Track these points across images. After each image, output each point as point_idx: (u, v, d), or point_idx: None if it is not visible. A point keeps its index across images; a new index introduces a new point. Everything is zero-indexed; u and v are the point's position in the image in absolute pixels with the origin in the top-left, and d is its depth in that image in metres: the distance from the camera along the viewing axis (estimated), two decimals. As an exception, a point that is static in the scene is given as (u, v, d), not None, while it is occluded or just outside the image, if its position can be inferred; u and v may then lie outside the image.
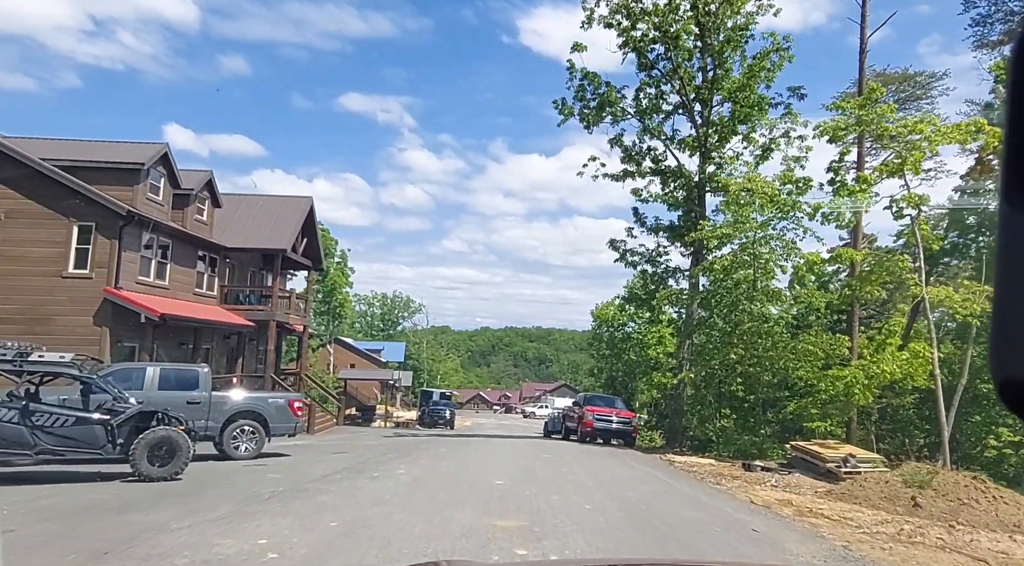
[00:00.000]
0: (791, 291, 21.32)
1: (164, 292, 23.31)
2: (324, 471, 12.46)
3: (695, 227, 23.59)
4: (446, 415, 43.31)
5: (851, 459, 15.18)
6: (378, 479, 11.32)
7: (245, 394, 16.27)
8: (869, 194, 17.80)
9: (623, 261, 25.99)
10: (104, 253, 20.63)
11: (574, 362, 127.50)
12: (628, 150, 25.05)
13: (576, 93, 24.62)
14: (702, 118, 24.74)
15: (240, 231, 28.13)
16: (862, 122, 18.33)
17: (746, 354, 20.63)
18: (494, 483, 10.91)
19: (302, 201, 30.18)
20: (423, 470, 12.69)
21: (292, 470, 12.87)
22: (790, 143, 24.15)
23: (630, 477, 12.92)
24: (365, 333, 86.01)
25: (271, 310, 27.44)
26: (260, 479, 11.43)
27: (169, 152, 23.53)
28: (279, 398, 15.84)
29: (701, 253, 24.45)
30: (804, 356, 20.17)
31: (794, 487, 13.31)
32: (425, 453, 17.00)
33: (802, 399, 21.83)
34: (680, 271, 25.57)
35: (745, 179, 21.01)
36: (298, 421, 15.92)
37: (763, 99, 24.19)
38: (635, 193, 26.20)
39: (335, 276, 64.60)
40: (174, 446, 11.19)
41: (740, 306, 21.21)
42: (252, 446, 15.17)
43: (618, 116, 24.80)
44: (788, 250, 21.25)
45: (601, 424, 23.76)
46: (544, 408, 72.89)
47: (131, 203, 21.47)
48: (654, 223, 25.96)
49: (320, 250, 32.05)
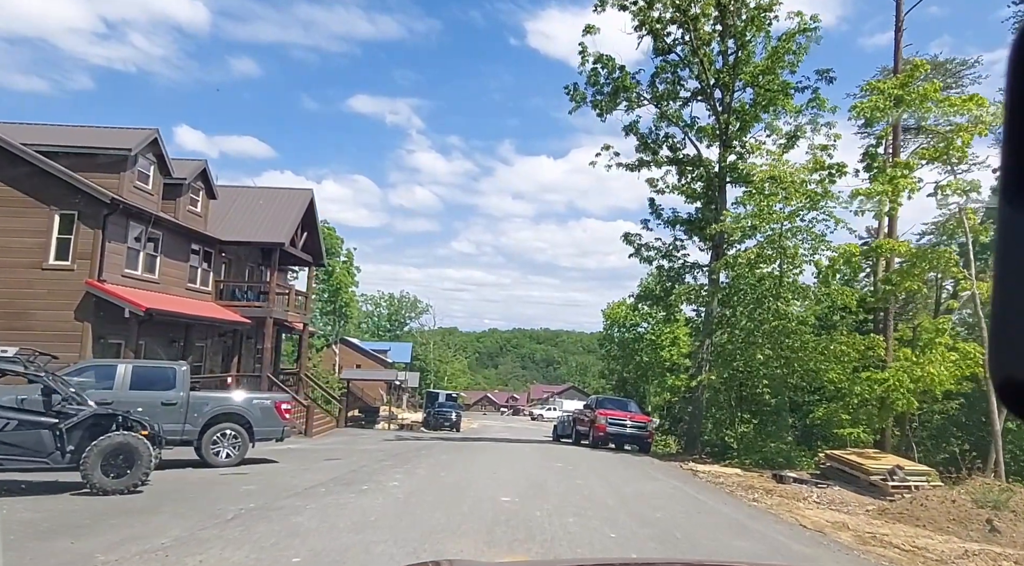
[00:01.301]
0: (821, 288, 19.59)
1: (154, 286, 21.88)
2: (308, 482, 10.91)
3: (715, 220, 21.94)
4: (452, 417, 41.72)
5: (898, 471, 13.48)
6: (367, 493, 9.75)
7: (227, 395, 14.76)
8: (911, 180, 16.09)
9: (638, 256, 24.35)
10: (87, 244, 19.22)
11: (582, 364, 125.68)
12: (644, 138, 23.40)
13: (589, 78, 23.03)
14: (722, 105, 23.06)
15: (236, 224, 26.70)
16: (903, 102, 16.64)
17: (773, 354, 18.94)
18: (500, 500, 9.32)
19: (302, 193, 28.72)
20: (420, 482, 11.11)
21: (272, 480, 11.33)
22: (816, 130, 22.44)
23: (655, 492, 11.29)
24: (372, 333, 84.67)
25: (268, 307, 25.97)
26: (232, 492, 9.88)
27: (159, 139, 22.12)
28: (264, 399, 14.31)
29: (721, 247, 22.78)
30: (836, 357, 18.46)
31: (840, 504, 11.63)
32: (425, 460, 15.43)
33: (830, 403, 20.13)
34: (698, 267, 23.89)
35: (770, 166, 19.34)
36: (285, 425, 14.39)
37: (787, 85, 22.49)
38: (651, 184, 24.57)
39: (341, 275, 63.32)
40: (133, 454, 9.67)
41: (766, 303, 19.53)
42: (234, 452, 13.65)
43: (633, 102, 23.16)
44: (817, 243, 19.56)
45: (615, 428, 22.11)
46: (552, 410, 71.18)
47: (117, 191, 20.06)
48: (671, 215, 24.32)
49: (321, 245, 30.57)
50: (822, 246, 19.73)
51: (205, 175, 25.10)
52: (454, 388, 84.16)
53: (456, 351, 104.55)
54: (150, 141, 21.61)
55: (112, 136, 21.53)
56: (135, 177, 21.18)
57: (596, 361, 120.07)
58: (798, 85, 22.13)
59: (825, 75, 21.79)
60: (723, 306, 22.34)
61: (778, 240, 19.25)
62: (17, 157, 18.89)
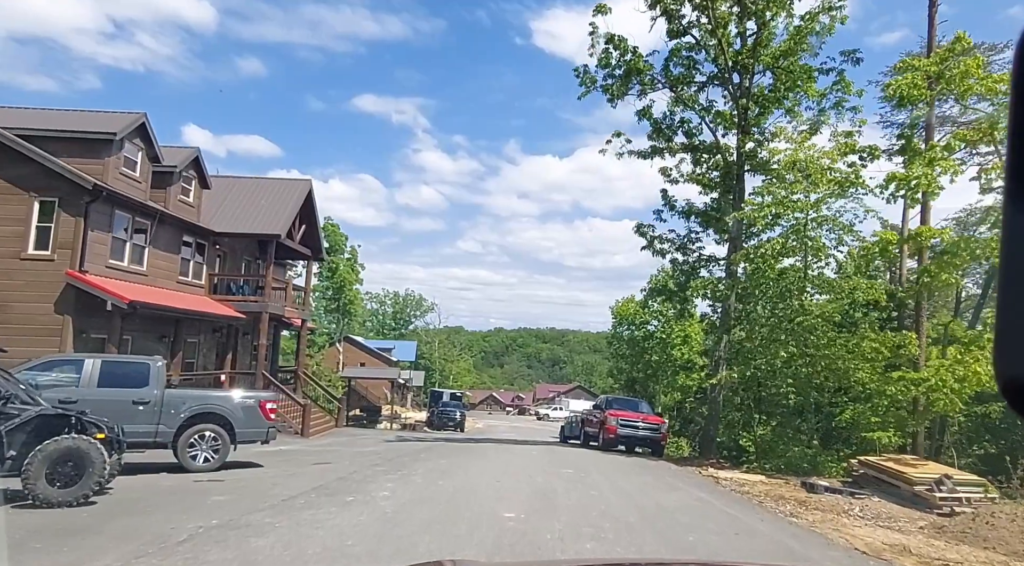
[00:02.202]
0: (848, 282, 18.15)
1: (141, 279, 20.68)
2: (288, 491, 9.61)
3: (733, 209, 20.55)
4: (456, 417, 40.46)
5: (947, 481, 12.07)
6: (351, 507, 8.44)
7: (207, 393, 13.49)
8: (952, 162, 14.66)
9: (650, 249, 22.95)
10: (68, 232, 18.01)
11: (588, 363, 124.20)
12: (657, 123, 21.99)
13: (600, 60, 21.64)
14: (740, 90, 21.63)
15: (231, 215, 25.49)
16: (942, 78, 15.22)
17: (797, 352, 17.53)
18: (502, 516, 7.99)
19: (299, 184, 27.48)
20: (414, 492, 9.79)
21: (248, 489, 10.04)
22: (841, 116, 21.01)
23: (679, 505, 9.93)
24: (376, 332, 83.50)
25: (264, 301, 24.74)
26: (199, 504, 8.60)
27: (147, 123, 20.89)
28: (248, 398, 13.02)
29: (739, 240, 21.36)
30: (866, 355, 17.05)
31: (888, 519, 10.24)
32: (423, 465, 14.11)
33: (857, 404, 18.73)
34: (714, 260, 22.47)
35: (794, 150, 17.93)
36: (271, 426, 13.10)
37: (809, 69, 21.03)
38: (664, 173, 23.18)
39: (344, 272, 62.19)
40: (84, 460, 8.39)
41: (788, 298, 18.12)
42: (213, 456, 12.38)
43: (646, 86, 21.75)
44: (844, 233, 18.15)
45: (626, 430, 20.73)
46: (558, 410, 69.81)
47: (101, 177, 18.85)
48: (685, 206, 22.89)
49: (321, 238, 29.32)
50: (849, 236, 18.36)
51: (198, 164, 23.88)
52: (459, 387, 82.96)
53: (461, 350, 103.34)
54: (137, 125, 20.39)
55: (96, 120, 20.33)
56: (121, 163, 19.97)
57: (602, 361, 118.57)
58: (822, 66, 20.70)
59: (851, 56, 20.33)
60: (741, 301, 20.95)
61: (803, 230, 17.85)
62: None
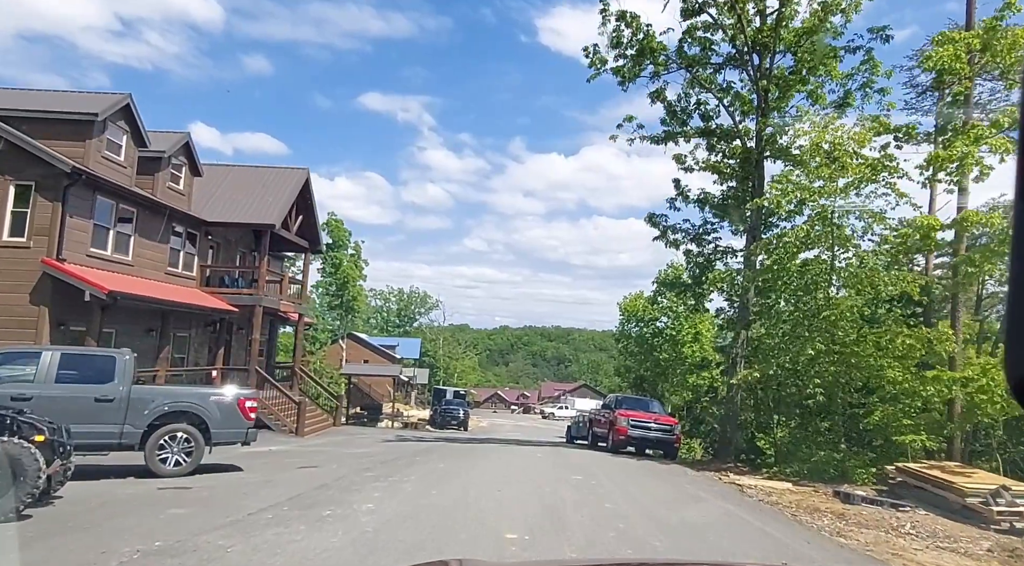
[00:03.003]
0: (879, 274, 16.74)
1: (126, 269, 19.48)
2: (259, 502, 8.34)
3: (753, 197, 19.18)
4: (459, 415, 39.16)
5: (1004, 494, 10.69)
6: (325, 523, 7.16)
7: (179, 390, 12.24)
8: (1004, 139, 13.25)
9: (663, 239, 21.57)
10: (45, 218, 16.82)
11: (594, 362, 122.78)
12: (671, 106, 20.59)
13: (611, 39, 20.26)
14: (759, 71, 20.22)
15: (224, 205, 24.28)
16: (988, 49, 13.80)
17: (824, 349, 16.13)
18: (504, 538, 6.69)
19: (296, 173, 26.23)
20: (402, 504, 8.49)
21: (214, 500, 8.77)
22: (868, 98, 19.60)
23: (706, 520, 8.60)
24: (381, 329, 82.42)
25: (258, 294, 23.51)
26: (147, 520, 7.33)
27: (132, 105, 19.67)
28: (225, 396, 11.76)
29: (758, 230, 19.98)
30: (898, 353, 15.67)
31: (945, 538, 8.88)
32: (419, 469, 12.83)
33: (886, 405, 17.35)
34: (732, 252, 21.08)
35: (820, 131, 16.52)
36: (250, 426, 11.84)
37: (834, 50, 19.62)
38: (678, 160, 21.77)
39: (348, 269, 60.93)
40: (15, 467, 7.14)
41: (815, 290, 16.74)
42: (185, 459, 11.13)
43: (660, 66, 20.35)
44: (875, 221, 16.76)
45: (638, 432, 19.40)
46: (564, 409, 68.49)
47: (82, 161, 17.65)
48: (700, 194, 21.50)
49: (319, 230, 28.06)
50: (879, 225, 16.96)
51: (188, 150, 22.66)
52: (464, 385, 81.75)
53: (467, 348, 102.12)
54: (121, 106, 19.17)
55: (78, 100, 19.13)
56: (103, 146, 18.75)
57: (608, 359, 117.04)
58: (849, 45, 19.27)
59: (880, 33, 18.90)
60: (760, 295, 19.57)
61: (829, 217, 16.46)
62: (-34, 120, 16.56)
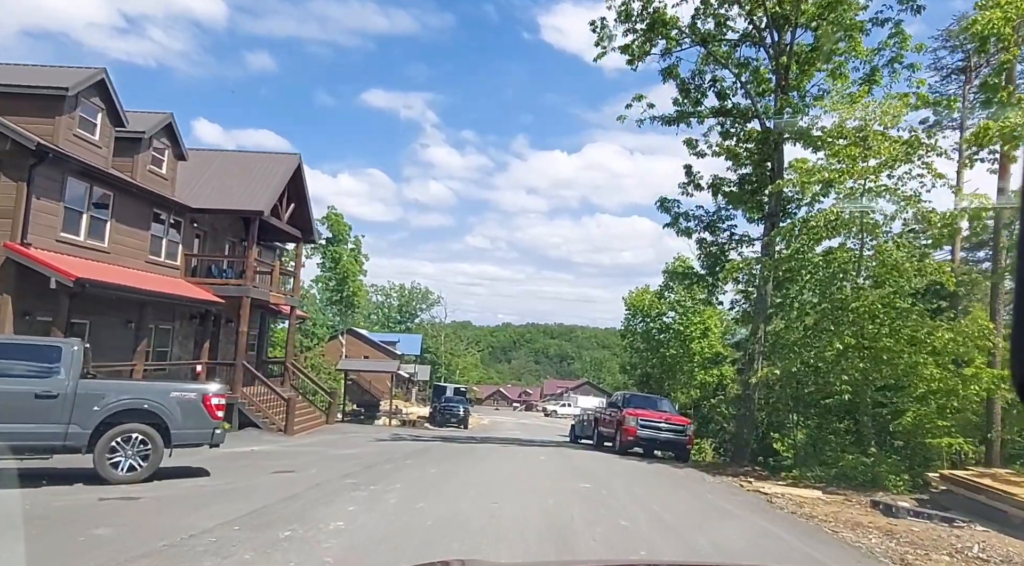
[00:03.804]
0: (911, 262, 15.25)
1: (102, 256, 18.08)
2: (210, 519, 6.92)
3: (770, 182, 17.71)
4: (459, 413, 37.80)
5: (1078, 507, 9.22)
6: (279, 549, 5.73)
7: (133, 385, 10.83)
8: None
9: (674, 227, 20.08)
10: (7, 199, 15.41)
11: (597, 359, 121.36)
12: (685, 83, 19.08)
13: (620, 12, 18.75)
14: (777, 48, 18.73)
15: (211, 191, 22.86)
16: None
17: (854, 344, 14.64)
18: None
19: (286, 159, 24.81)
20: (379, 523, 7.07)
21: (158, 515, 7.36)
22: (896, 76, 18.07)
23: (743, 543, 7.16)
24: (382, 325, 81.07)
25: (245, 284, 22.10)
26: (60, 544, 5.92)
27: (108, 80, 18.25)
28: (188, 391, 10.34)
29: (776, 217, 18.50)
30: (935, 348, 14.19)
31: None
32: (408, 474, 11.41)
33: (920, 405, 15.90)
34: (749, 240, 19.58)
35: (848, 107, 15.03)
36: (218, 425, 10.42)
37: (861, 24, 18.09)
38: (689, 145, 20.26)
39: (348, 263, 59.58)
40: None
41: (843, 279, 15.26)
42: (140, 463, 9.72)
43: (672, 42, 18.86)
44: (909, 205, 15.27)
45: (647, 432, 17.95)
46: (566, 406, 67.09)
47: (51, 139, 16.25)
48: (713, 180, 20.00)
49: (312, 219, 26.65)
50: (910, 209, 15.47)
51: (171, 131, 21.24)
52: (466, 382, 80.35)
53: (469, 345, 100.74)
54: (95, 82, 17.76)
55: (47, 74, 17.72)
56: (75, 123, 17.34)
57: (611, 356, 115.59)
58: (876, 17, 17.75)
59: (910, 4, 17.36)
60: (780, 286, 18.11)
61: (859, 200, 14.97)
62: (-78, 93, 15.18)
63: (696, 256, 20.09)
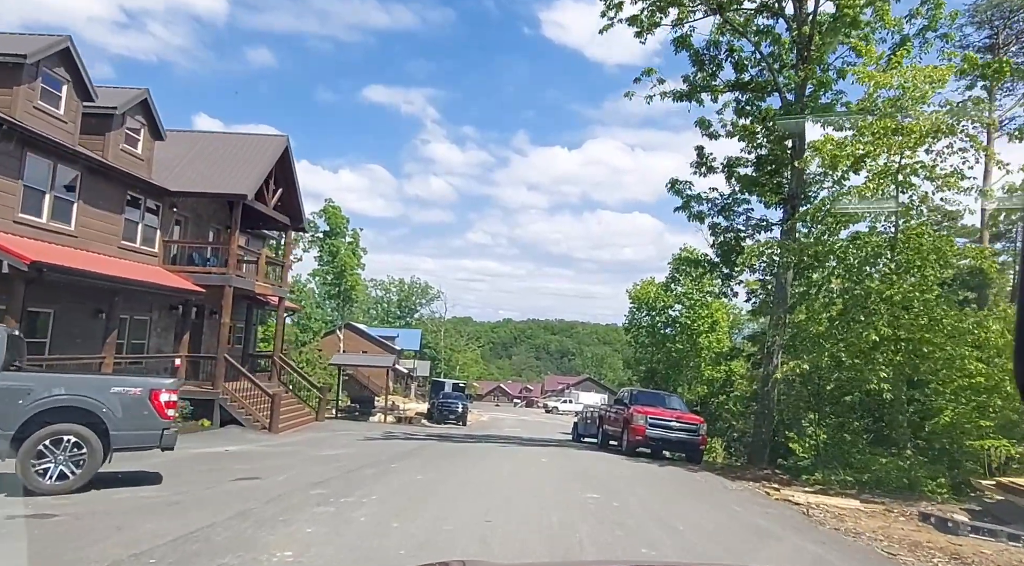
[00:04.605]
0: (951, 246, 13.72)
1: (68, 240, 16.59)
2: (124, 547, 5.43)
3: (794, 160, 16.18)
4: (457, 409, 36.29)
5: None
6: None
7: (68, 379, 9.29)
8: None
9: (686, 211, 18.54)
10: (-43, 175, 13.97)
11: (598, 355, 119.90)
12: (699, 55, 17.49)
13: (629, -23, 17.21)
14: (799, 19, 17.15)
15: (192, 174, 21.31)
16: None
17: (890, 335, 13.09)
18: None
19: (273, 141, 23.28)
20: (340, 550, 5.57)
21: (60, 540, 5.85)
22: (928, 46, 16.50)
23: None
24: (381, 320, 79.61)
25: (228, 273, 20.59)
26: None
27: (73, 50, 16.69)
28: (132, 386, 8.83)
29: (799, 198, 16.96)
30: (980, 341, 12.68)
31: None
32: (389, 482, 9.91)
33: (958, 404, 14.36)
34: (767, 225, 18.02)
35: (885, 73, 13.47)
36: (168, 425, 8.91)
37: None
38: (702, 125, 18.70)
39: (346, 257, 58.11)
40: None
41: (874, 265, 13.74)
42: (73, 471, 8.23)
43: (685, 9, 17.28)
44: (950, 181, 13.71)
45: (657, 431, 16.44)
46: (568, 403, 65.60)
47: (8, 111, 14.75)
48: (728, 160, 18.44)
49: (301, 205, 25.11)
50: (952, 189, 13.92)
51: (147, 108, 19.70)
52: (466, 378, 78.95)
53: (469, 340, 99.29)
54: (58, 50, 16.22)
55: (5, 42, 16.19)
56: (36, 95, 15.81)
57: (612, 353, 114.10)
58: (909, -19, 16.17)
59: (943, -33, 15.77)
60: (802, 274, 16.57)
61: (895, 177, 13.42)
62: None
63: (709, 243, 18.54)
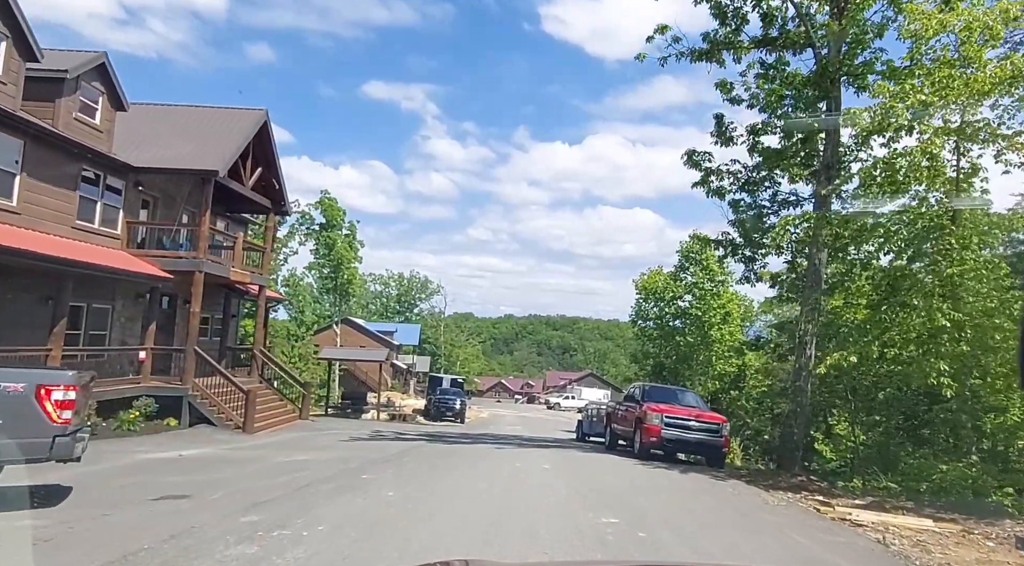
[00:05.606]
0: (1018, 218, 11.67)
1: (8, 217, 14.50)
2: None
3: (827, 124, 14.10)
4: (455, 406, 34.36)
5: None
6: None
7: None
8: None
9: (704, 186, 16.45)
10: None
11: (600, 350, 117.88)
12: (721, 6, 15.40)
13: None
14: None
15: (160, 149, 19.20)
16: None
17: (952, 322, 11.00)
18: None
19: (251, 114, 21.21)
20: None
21: None
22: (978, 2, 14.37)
23: None
24: (380, 314, 77.64)
25: (197, 257, 18.54)
26: None
27: (15, 6, 14.65)
28: (7, 381, 6.79)
29: (835, 169, 14.86)
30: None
31: None
32: (353, 500, 7.87)
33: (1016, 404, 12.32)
34: (797, 200, 15.93)
35: (944, 15, 11.38)
36: (62, 431, 6.87)
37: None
38: (722, 88, 16.65)
39: (342, 250, 56.04)
40: None
41: (935, 239, 11.65)
42: (-73, 491, 6.21)
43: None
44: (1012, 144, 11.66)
45: (675, 432, 14.37)
46: (570, 399, 63.55)
47: (-71, 65, 12.72)
48: (752, 127, 16.32)
49: (283, 187, 23.04)
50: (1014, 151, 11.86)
51: (106, 74, 17.62)
52: (466, 374, 77.00)
53: (470, 336, 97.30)
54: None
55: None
56: (-35, 50, 13.77)
57: (615, 348, 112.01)
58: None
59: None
60: (838, 254, 14.49)
61: (958, 131, 11.34)
62: None
63: (730, 222, 16.43)
